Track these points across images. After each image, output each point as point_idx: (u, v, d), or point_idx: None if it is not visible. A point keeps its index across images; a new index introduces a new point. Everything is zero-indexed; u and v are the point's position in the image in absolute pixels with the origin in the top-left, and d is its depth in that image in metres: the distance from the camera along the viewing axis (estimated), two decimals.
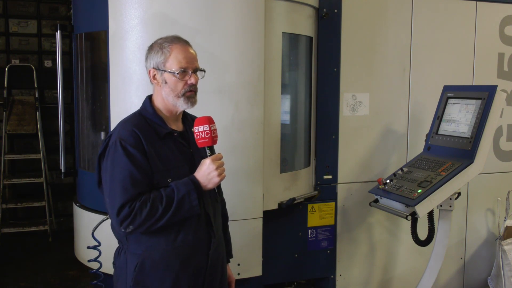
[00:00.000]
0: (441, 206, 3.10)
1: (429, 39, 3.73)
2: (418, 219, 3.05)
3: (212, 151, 2.01)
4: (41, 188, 5.63)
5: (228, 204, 2.47)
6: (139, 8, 2.76)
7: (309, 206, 3.46)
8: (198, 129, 1.99)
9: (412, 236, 3.14)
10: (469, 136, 2.99)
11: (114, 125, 2.13)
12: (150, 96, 2.13)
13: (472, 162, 2.90)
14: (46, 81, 5.84)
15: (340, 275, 3.62)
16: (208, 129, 1.98)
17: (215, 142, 2.02)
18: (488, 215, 4.04)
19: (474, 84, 3.86)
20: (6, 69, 5.57)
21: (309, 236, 3.47)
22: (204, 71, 2.10)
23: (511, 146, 4.07)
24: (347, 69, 3.50)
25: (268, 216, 3.09)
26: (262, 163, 2.98)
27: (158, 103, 2.08)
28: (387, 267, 3.79)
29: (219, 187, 2.13)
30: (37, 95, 5.71)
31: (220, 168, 1.99)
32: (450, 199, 3.06)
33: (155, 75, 2.05)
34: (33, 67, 5.70)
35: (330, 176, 3.51)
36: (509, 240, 3.75)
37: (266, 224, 3.07)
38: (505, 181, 4.01)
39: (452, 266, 3.97)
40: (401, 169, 3.17)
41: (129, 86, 2.80)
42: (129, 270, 2.02)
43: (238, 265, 2.96)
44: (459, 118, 3.12)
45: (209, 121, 2.00)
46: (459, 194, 3.10)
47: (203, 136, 1.99)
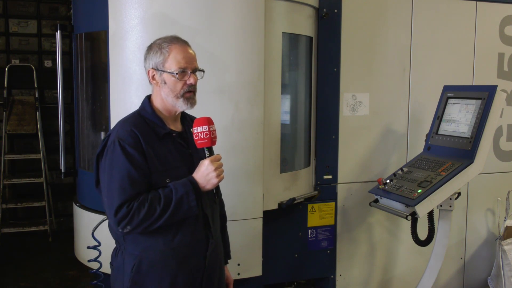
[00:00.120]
0: (441, 206, 3.10)
1: (429, 39, 3.73)
2: (418, 219, 3.05)
3: (211, 152, 2.01)
4: (41, 188, 5.63)
5: (228, 204, 2.46)
6: (139, 8, 2.76)
7: (309, 206, 3.46)
8: (197, 130, 1.98)
9: (412, 236, 3.14)
10: (469, 136, 2.99)
11: (114, 125, 2.12)
12: (149, 96, 2.12)
13: (472, 162, 2.90)
14: (46, 81, 5.84)
15: (340, 275, 3.62)
16: (207, 130, 1.98)
17: (214, 143, 2.01)
18: (488, 215, 4.04)
19: (474, 84, 3.86)
20: (6, 69, 5.57)
21: (309, 236, 3.47)
22: (203, 71, 2.09)
23: (511, 146, 4.07)
24: (347, 69, 3.50)
25: (268, 216, 3.09)
26: (262, 163, 2.98)
27: (157, 103, 2.08)
28: (387, 267, 3.79)
29: (218, 188, 2.13)
30: (37, 95, 5.71)
31: (219, 169, 1.99)
32: (450, 199, 3.06)
33: (154, 76, 2.05)
34: (33, 67, 5.71)
35: (330, 176, 3.51)
36: (509, 240, 3.75)
37: (266, 224, 3.07)
38: (505, 181, 4.01)
39: (452, 266, 3.97)
40: (401, 169, 3.17)
41: (129, 86, 2.80)
42: (127, 271, 2.01)
43: (238, 265, 2.96)
44: (459, 118, 3.11)
45: (208, 122, 1.99)
46: (459, 194, 3.10)
47: (202, 137, 1.98)
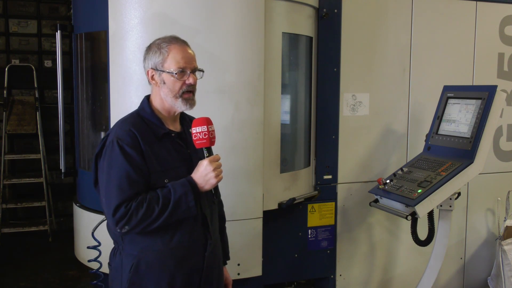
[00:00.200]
0: (441, 206, 3.10)
1: (429, 39, 3.73)
2: (418, 219, 3.05)
3: (210, 152, 2.00)
4: (41, 188, 5.63)
5: (228, 204, 2.46)
6: (139, 8, 2.76)
7: (309, 206, 3.46)
8: (196, 130, 1.98)
9: (412, 236, 3.14)
10: (469, 136, 2.99)
11: (113, 125, 2.12)
12: (148, 96, 2.12)
13: (472, 162, 2.90)
14: (46, 81, 5.84)
15: (340, 275, 3.62)
16: (206, 130, 1.97)
17: (213, 143, 2.01)
18: (488, 215, 4.04)
19: (474, 84, 3.86)
20: (6, 69, 5.57)
21: (309, 236, 3.47)
22: (203, 71, 2.08)
23: (511, 146, 4.07)
24: (347, 69, 3.50)
25: (268, 216, 3.09)
26: (262, 163, 2.98)
27: (156, 104, 2.07)
28: (387, 267, 3.79)
29: (217, 189, 2.12)
30: (37, 95, 5.71)
31: (218, 170, 1.98)
32: (450, 199, 3.06)
33: (153, 76, 2.04)
34: (33, 67, 5.70)
35: (330, 176, 3.51)
36: (509, 240, 3.75)
37: (266, 224, 3.07)
38: (505, 181, 4.01)
39: (452, 266, 3.97)
40: (401, 169, 3.17)
41: (129, 86, 2.80)
42: (125, 271, 2.00)
43: (238, 265, 2.96)
44: (459, 118, 3.11)
45: (207, 122, 1.99)
46: (459, 194, 3.10)
47: (201, 137, 1.97)
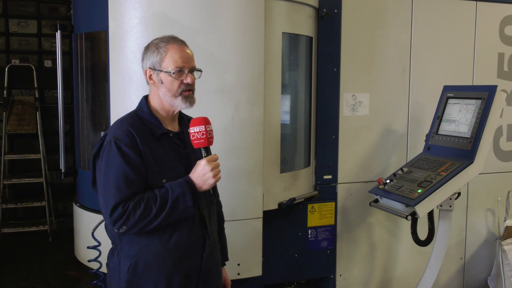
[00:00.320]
0: (441, 206, 3.10)
1: (429, 39, 3.73)
2: (418, 219, 3.05)
3: (208, 152, 1.99)
4: (41, 188, 5.62)
5: (228, 204, 2.46)
6: (139, 8, 2.76)
7: (309, 206, 3.46)
8: (194, 130, 1.97)
9: (412, 236, 3.14)
10: (469, 136, 2.99)
11: (111, 125, 2.12)
12: (146, 96, 2.12)
13: (472, 162, 2.90)
14: (46, 81, 5.84)
15: (340, 275, 3.62)
16: (204, 130, 1.96)
17: (211, 143, 2.00)
18: (488, 215, 4.04)
19: (474, 84, 3.86)
20: (6, 69, 5.57)
21: (309, 236, 3.47)
22: (201, 71, 2.08)
23: (511, 146, 4.07)
24: (347, 69, 3.50)
25: (268, 216, 3.09)
26: (262, 163, 2.97)
27: (155, 103, 2.07)
28: (387, 267, 3.79)
29: (215, 189, 2.11)
30: (37, 95, 5.71)
31: (216, 170, 1.97)
32: (450, 199, 3.06)
33: (151, 75, 2.04)
34: (33, 67, 5.70)
35: (330, 176, 3.51)
36: (509, 240, 3.75)
37: (266, 224, 3.07)
38: (505, 181, 4.01)
39: (452, 266, 3.97)
40: (401, 169, 3.17)
41: (129, 86, 2.80)
42: (122, 272, 2.00)
43: (238, 265, 2.96)
44: (459, 118, 3.11)
45: (205, 122, 1.98)
46: (459, 194, 3.10)
47: (199, 137, 1.97)
